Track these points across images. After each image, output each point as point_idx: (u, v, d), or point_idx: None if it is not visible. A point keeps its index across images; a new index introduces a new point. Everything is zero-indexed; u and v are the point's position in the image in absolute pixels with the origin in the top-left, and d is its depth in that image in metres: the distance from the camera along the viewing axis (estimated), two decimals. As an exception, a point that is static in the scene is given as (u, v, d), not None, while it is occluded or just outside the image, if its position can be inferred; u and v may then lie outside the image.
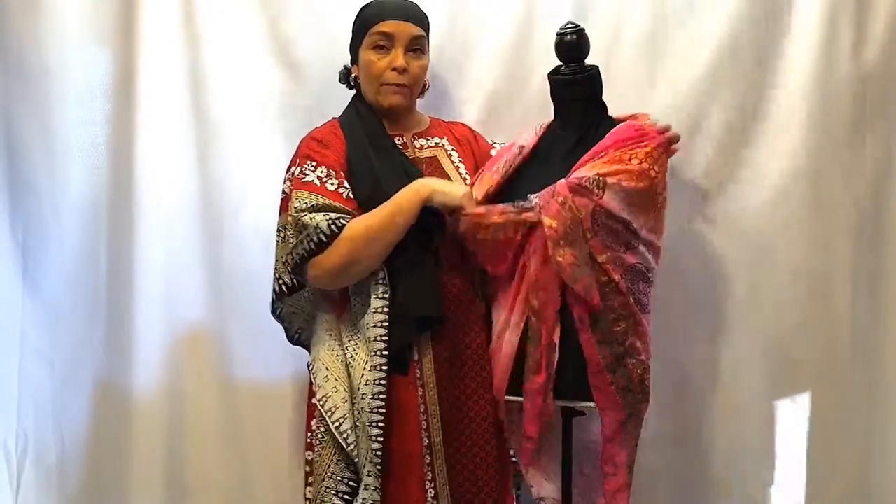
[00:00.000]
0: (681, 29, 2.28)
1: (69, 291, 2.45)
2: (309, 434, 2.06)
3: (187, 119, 2.43)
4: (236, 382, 2.46)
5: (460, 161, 2.17)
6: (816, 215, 2.23)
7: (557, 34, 2.06)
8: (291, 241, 1.97)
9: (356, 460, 1.96)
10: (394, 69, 2.05)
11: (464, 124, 2.30)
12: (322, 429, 1.99)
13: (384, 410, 1.92)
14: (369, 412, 1.92)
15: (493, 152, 2.22)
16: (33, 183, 2.42)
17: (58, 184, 2.41)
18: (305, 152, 2.04)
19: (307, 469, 2.07)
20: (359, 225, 1.94)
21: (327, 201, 1.96)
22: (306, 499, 2.06)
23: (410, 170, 2.05)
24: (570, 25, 2.05)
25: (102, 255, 2.44)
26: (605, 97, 2.09)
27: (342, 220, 1.93)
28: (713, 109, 2.25)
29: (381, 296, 1.96)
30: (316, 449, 2.02)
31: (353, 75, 2.14)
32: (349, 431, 1.95)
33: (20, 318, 2.46)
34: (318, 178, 1.99)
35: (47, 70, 2.38)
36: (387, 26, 2.04)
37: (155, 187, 2.42)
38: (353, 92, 2.16)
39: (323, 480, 1.98)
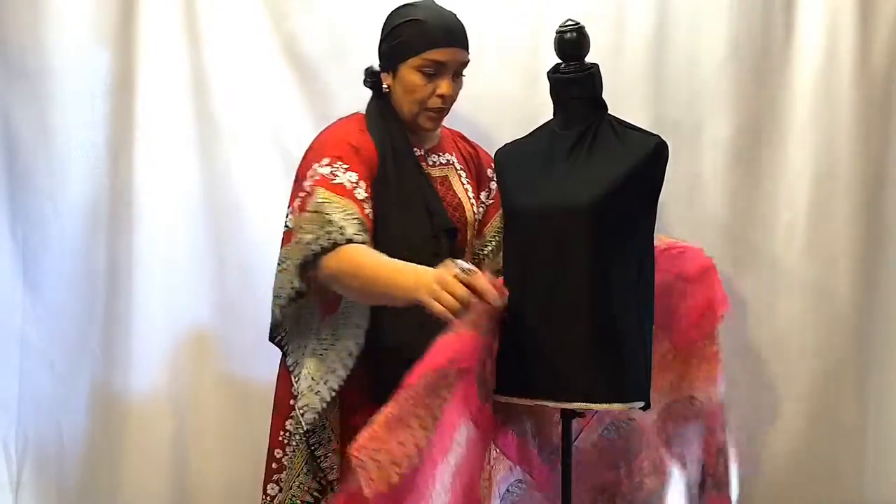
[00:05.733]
0: (684, 33, 2.27)
1: (69, 291, 2.45)
2: (283, 433, 2.02)
3: (188, 119, 2.43)
4: (235, 383, 2.45)
5: (469, 183, 2.13)
6: (818, 219, 2.22)
7: (557, 31, 2.01)
8: (308, 236, 1.81)
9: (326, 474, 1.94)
10: (440, 96, 1.98)
11: (463, 137, 2.22)
12: (297, 435, 1.95)
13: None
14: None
15: (489, 171, 2.17)
16: (33, 183, 2.42)
17: (58, 184, 2.41)
18: (337, 153, 1.89)
19: (274, 466, 2.03)
20: (355, 256, 1.77)
21: (355, 210, 1.82)
22: (266, 493, 2.02)
23: (432, 202, 1.96)
24: (570, 23, 2.00)
25: (102, 255, 2.44)
26: (607, 99, 2.04)
27: (359, 237, 1.79)
28: (715, 114, 2.25)
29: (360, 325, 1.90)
30: (288, 452, 1.99)
31: (384, 84, 2.00)
32: None
33: (20, 318, 2.46)
34: (350, 181, 1.86)
35: (47, 70, 2.38)
36: (441, 55, 1.94)
37: (155, 188, 2.42)
38: (370, 92, 2.04)
39: (290, 488, 1.96)
